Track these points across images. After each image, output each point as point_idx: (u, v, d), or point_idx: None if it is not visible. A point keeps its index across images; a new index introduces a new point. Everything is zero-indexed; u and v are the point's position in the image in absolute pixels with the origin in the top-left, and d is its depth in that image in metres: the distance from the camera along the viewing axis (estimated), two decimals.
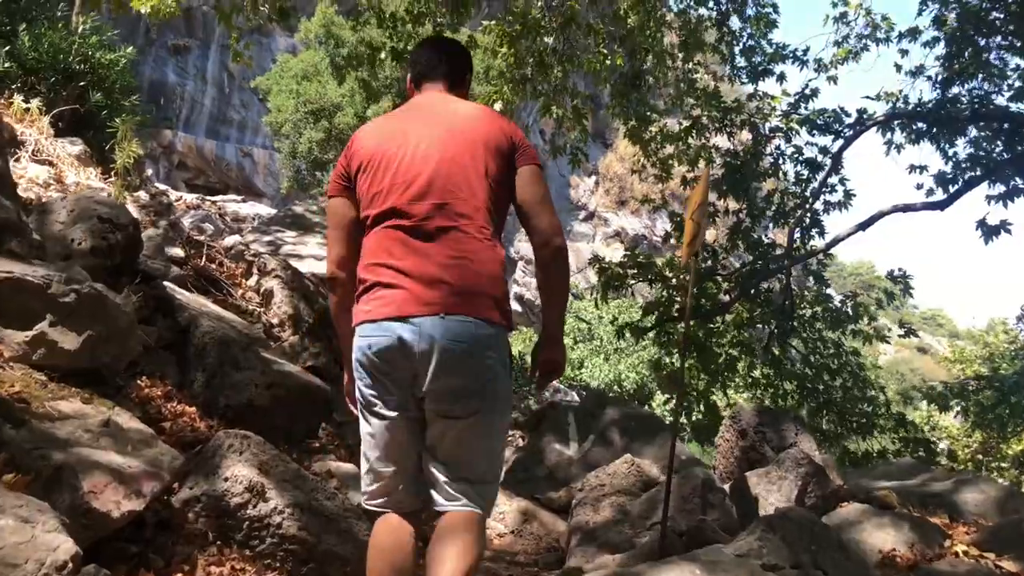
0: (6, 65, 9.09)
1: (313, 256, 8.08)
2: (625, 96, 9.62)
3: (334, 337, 7.53)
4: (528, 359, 5.55)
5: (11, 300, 2.84)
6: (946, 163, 8.76)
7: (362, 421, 2.27)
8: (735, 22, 9.60)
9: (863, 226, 8.82)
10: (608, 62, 8.28)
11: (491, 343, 2.15)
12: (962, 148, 8.79)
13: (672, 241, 9.86)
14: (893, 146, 9.24)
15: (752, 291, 9.57)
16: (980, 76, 8.63)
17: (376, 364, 2.15)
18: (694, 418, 10.89)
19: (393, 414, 2.18)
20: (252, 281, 6.94)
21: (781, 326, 9.69)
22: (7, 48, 9.16)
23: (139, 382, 3.61)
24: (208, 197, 13.10)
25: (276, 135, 20.37)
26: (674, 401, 14.69)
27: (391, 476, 2.22)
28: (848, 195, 9.27)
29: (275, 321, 6.75)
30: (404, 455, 2.22)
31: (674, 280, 9.69)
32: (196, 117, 27.10)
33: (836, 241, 9.16)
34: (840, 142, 8.82)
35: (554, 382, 2.35)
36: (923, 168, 8.91)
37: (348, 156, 2.36)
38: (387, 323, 2.11)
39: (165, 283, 4.47)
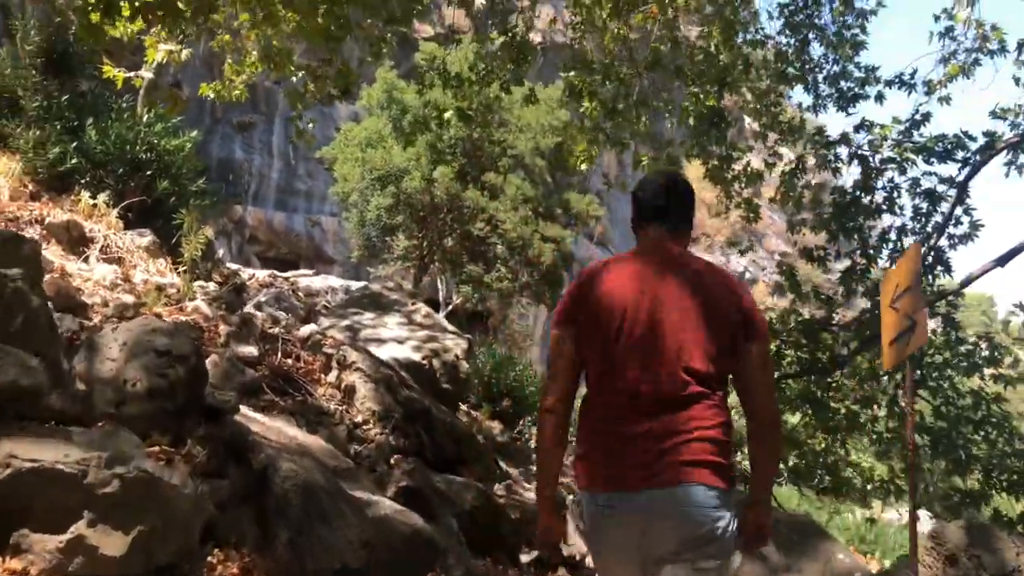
0: (73, 161, 9.00)
1: (394, 339, 7.51)
2: (705, 135, 8.94)
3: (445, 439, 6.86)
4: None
5: (40, 495, 2.26)
6: None
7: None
8: (816, 48, 8.87)
9: (1002, 261, 7.81)
10: (699, 102, 7.60)
11: (718, 504, 2.20)
12: None
13: (778, 296, 8.97)
14: (1013, 166, 8.34)
15: (874, 340, 8.63)
16: None
17: (610, 532, 2.25)
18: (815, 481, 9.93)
19: (630, 570, 2.26)
20: (332, 376, 6.41)
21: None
22: (75, 144, 9.07)
23: (210, 559, 3.01)
24: (279, 273, 12.82)
25: (343, 204, 20.17)
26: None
27: None
28: (975, 226, 8.31)
29: (359, 419, 6.18)
30: None
31: (785, 334, 8.84)
32: (264, 190, 27.32)
33: (970, 280, 8.17)
34: (967, 170, 7.89)
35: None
36: None
37: (575, 296, 2.36)
38: (620, 494, 2.20)
39: (236, 417, 3.88)
